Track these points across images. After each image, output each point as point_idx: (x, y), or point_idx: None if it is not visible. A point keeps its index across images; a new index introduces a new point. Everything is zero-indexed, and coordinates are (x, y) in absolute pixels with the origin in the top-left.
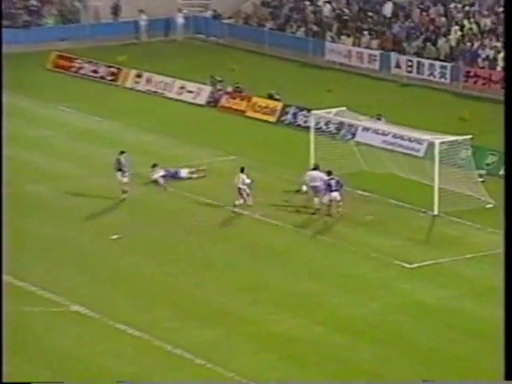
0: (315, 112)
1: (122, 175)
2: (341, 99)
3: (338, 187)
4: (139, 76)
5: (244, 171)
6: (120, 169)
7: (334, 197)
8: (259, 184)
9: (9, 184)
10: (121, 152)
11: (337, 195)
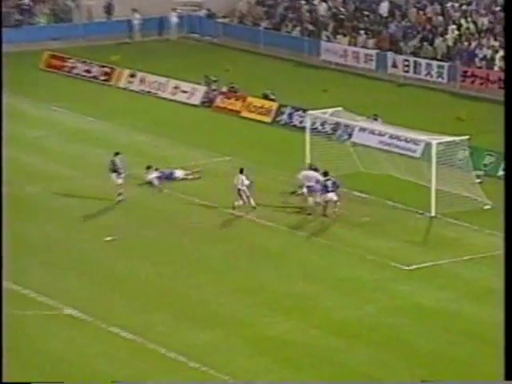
0: (311, 112)
1: (117, 177)
2: (337, 99)
3: (335, 188)
4: (133, 76)
5: (243, 172)
6: (115, 170)
7: (330, 197)
8: (255, 185)
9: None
10: (115, 153)
11: (333, 196)
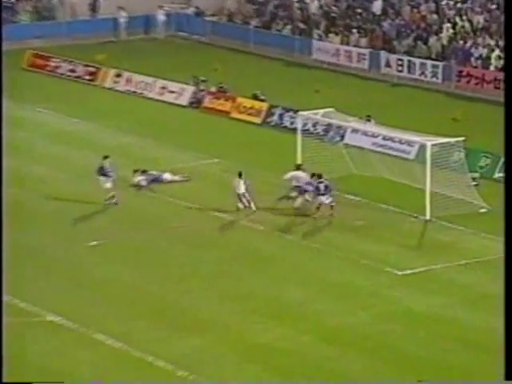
0: (302, 113)
1: (106, 181)
2: (329, 100)
3: (327, 191)
4: (118, 75)
5: (242, 176)
6: (103, 174)
7: (322, 201)
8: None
9: None
10: (104, 157)
11: (324, 199)
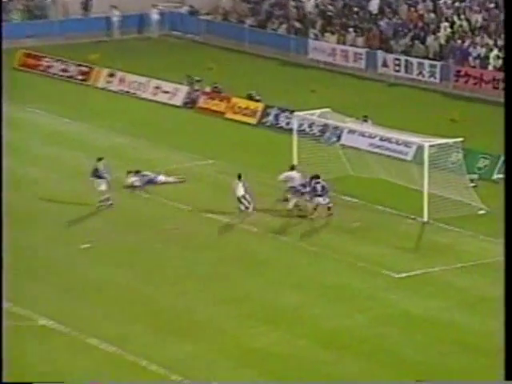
0: (298, 113)
1: (100, 183)
2: (325, 100)
3: (324, 192)
4: (112, 75)
5: (241, 178)
6: (98, 176)
7: (319, 201)
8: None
9: None
10: (98, 159)
11: (321, 200)
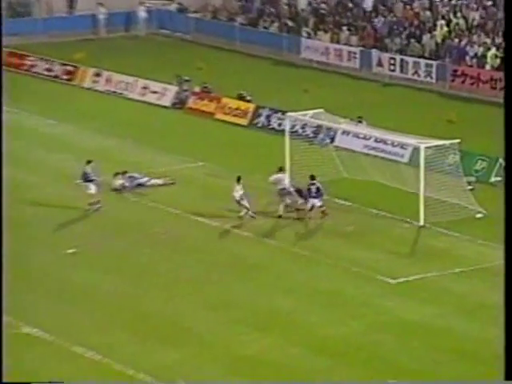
0: (290, 114)
1: (89, 186)
2: (318, 100)
3: (319, 194)
4: (98, 75)
5: (240, 181)
6: (87, 179)
7: (314, 203)
8: (229, 193)
9: None
10: (87, 161)
11: (317, 201)
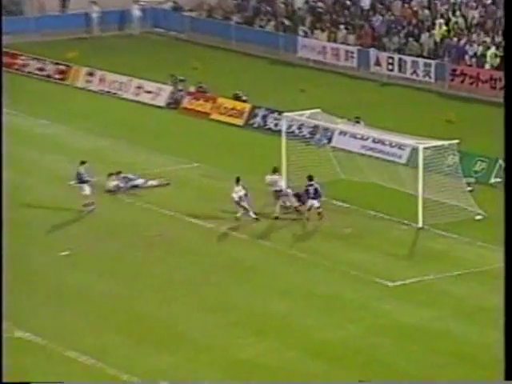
0: (287, 114)
1: (83, 187)
2: (315, 100)
3: (317, 196)
4: (91, 74)
5: (239, 182)
6: (81, 180)
7: (311, 204)
8: (225, 194)
9: None
10: (81, 162)
11: (315, 203)
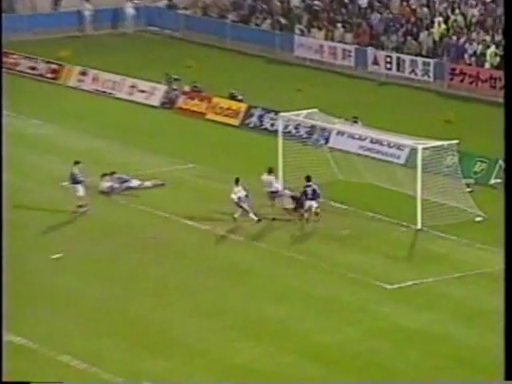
0: (283, 114)
1: (77, 188)
2: (312, 100)
3: (315, 197)
4: (84, 73)
5: (238, 183)
6: (74, 181)
7: (310, 205)
8: (221, 195)
9: None
10: (75, 162)
11: (313, 203)
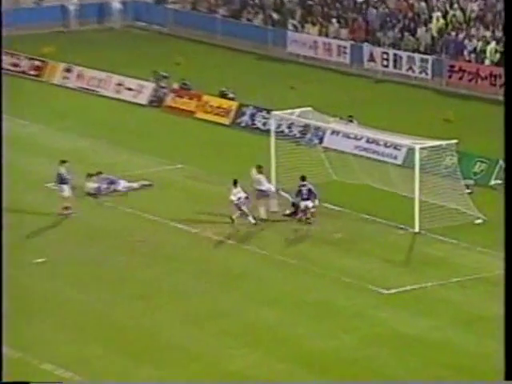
0: (276, 113)
1: (63, 188)
2: (306, 97)
3: (312, 197)
4: (68, 70)
5: (237, 184)
6: (61, 181)
7: (305, 206)
8: (211, 197)
9: None
10: (61, 161)
11: (308, 203)
